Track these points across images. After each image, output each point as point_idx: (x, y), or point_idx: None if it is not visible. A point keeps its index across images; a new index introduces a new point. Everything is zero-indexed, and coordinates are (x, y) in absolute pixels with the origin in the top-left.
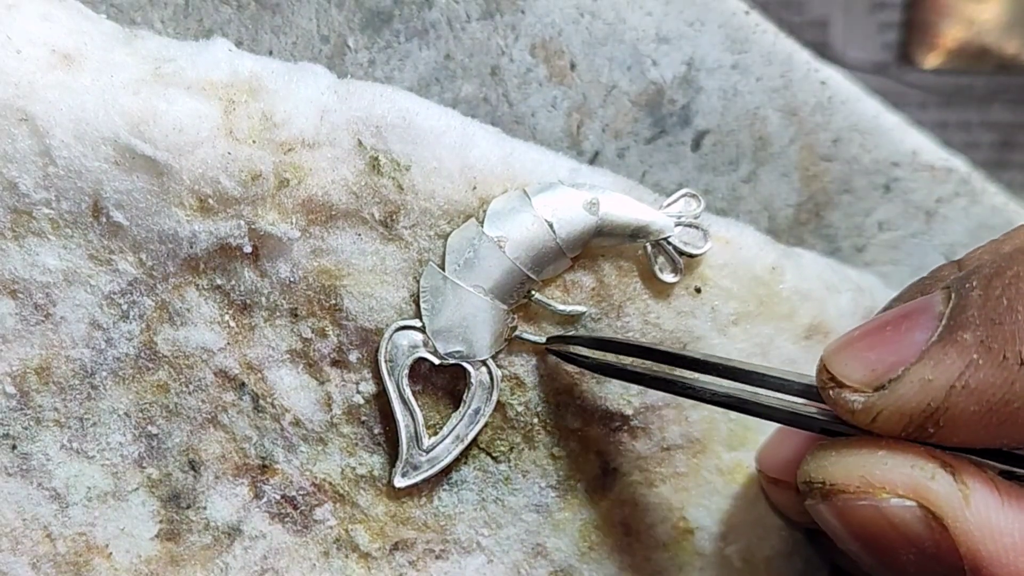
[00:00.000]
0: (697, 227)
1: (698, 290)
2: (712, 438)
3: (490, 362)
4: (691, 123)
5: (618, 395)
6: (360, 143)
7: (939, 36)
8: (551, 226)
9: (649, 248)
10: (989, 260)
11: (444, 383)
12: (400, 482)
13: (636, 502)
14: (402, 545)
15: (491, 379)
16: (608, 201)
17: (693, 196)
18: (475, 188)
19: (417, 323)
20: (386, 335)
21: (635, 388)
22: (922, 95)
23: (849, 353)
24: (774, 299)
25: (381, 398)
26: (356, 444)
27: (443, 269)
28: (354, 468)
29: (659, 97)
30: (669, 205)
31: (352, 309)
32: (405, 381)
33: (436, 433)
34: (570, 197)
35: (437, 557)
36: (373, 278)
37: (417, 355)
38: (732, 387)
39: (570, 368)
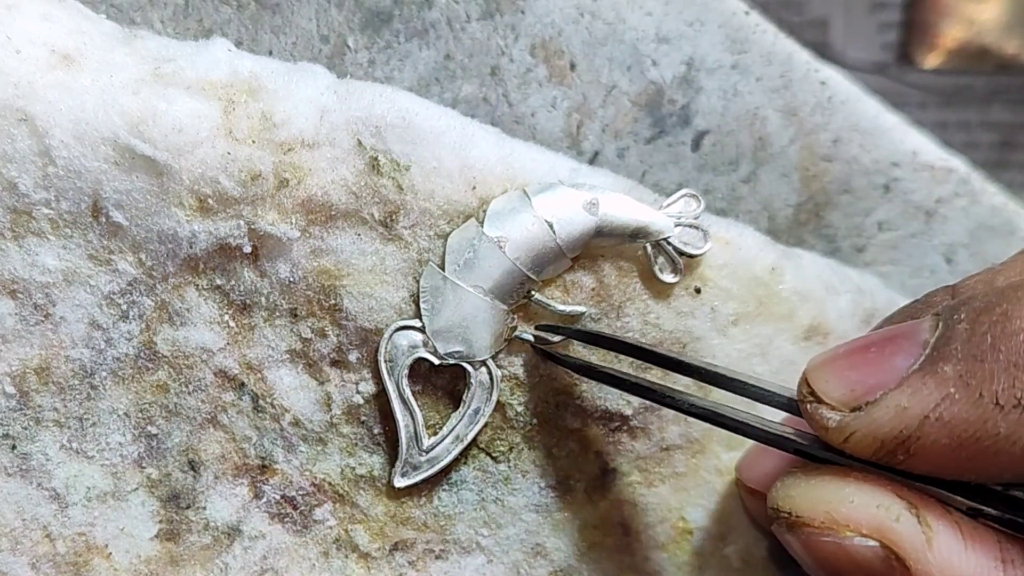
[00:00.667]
0: (697, 227)
1: (698, 290)
2: (711, 438)
3: (490, 362)
4: (691, 123)
5: (617, 395)
6: (360, 143)
7: (939, 36)
8: (551, 226)
9: (649, 248)
10: (981, 293)
11: (444, 383)
12: (400, 482)
13: (635, 502)
14: (402, 545)
15: (491, 379)
16: (608, 201)
17: (693, 196)
18: (475, 188)
19: (417, 323)
20: (385, 335)
21: None
22: (922, 95)
23: (831, 369)
24: (773, 300)
25: (381, 398)
26: (356, 444)
27: (443, 269)
28: (354, 468)
29: (659, 97)
30: (669, 205)
31: (352, 309)
32: (405, 381)
33: (436, 433)
34: (570, 197)
35: (437, 557)
36: (373, 278)
37: (417, 355)
38: (711, 400)
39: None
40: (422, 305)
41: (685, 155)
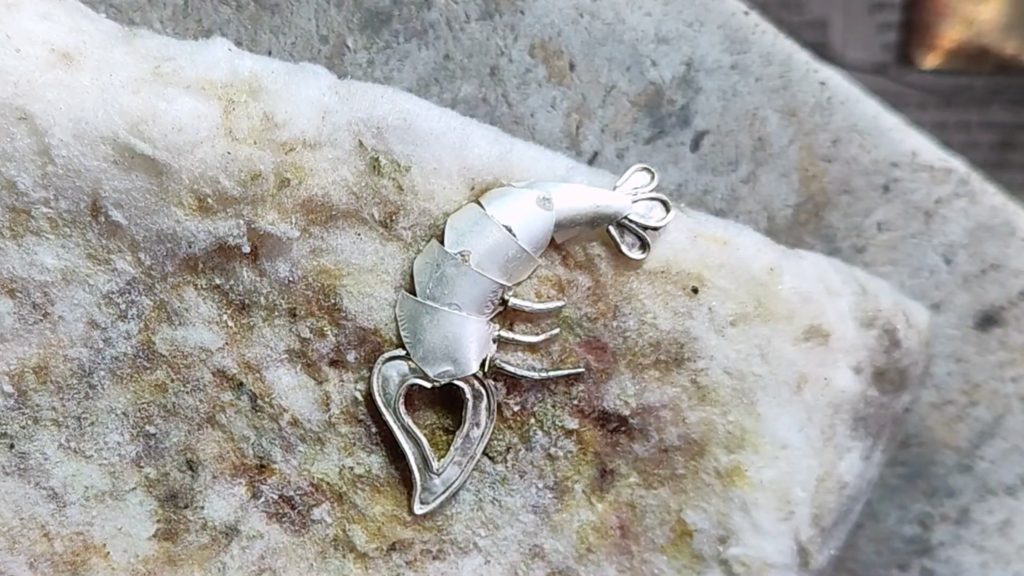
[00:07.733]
0: (655, 199)
1: (695, 290)
2: (710, 440)
3: (479, 373)
4: (690, 123)
5: (615, 395)
6: (361, 144)
7: (938, 37)
8: (510, 230)
9: (612, 230)
10: None
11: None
12: (420, 509)
13: (634, 504)
14: (399, 545)
15: (485, 390)
16: (561, 194)
17: (646, 170)
18: (473, 188)
19: (402, 352)
20: (375, 370)
21: (632, 388)
22: (921, 95)
23: None
24: (772, 300)
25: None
26: (354, 444)
27: (414, 294)
28: (352, 468)
29: (658, 97)
30: (623, 184)
31: (351, 309)
32: (403, 411)
33: (444, 454)
34: (523, 198)
35: (434, 558)
36: (372, 278)
37: (409, 383)
38: None
39: (566, 370)
40: (403, 333)
41: (684, 155)
